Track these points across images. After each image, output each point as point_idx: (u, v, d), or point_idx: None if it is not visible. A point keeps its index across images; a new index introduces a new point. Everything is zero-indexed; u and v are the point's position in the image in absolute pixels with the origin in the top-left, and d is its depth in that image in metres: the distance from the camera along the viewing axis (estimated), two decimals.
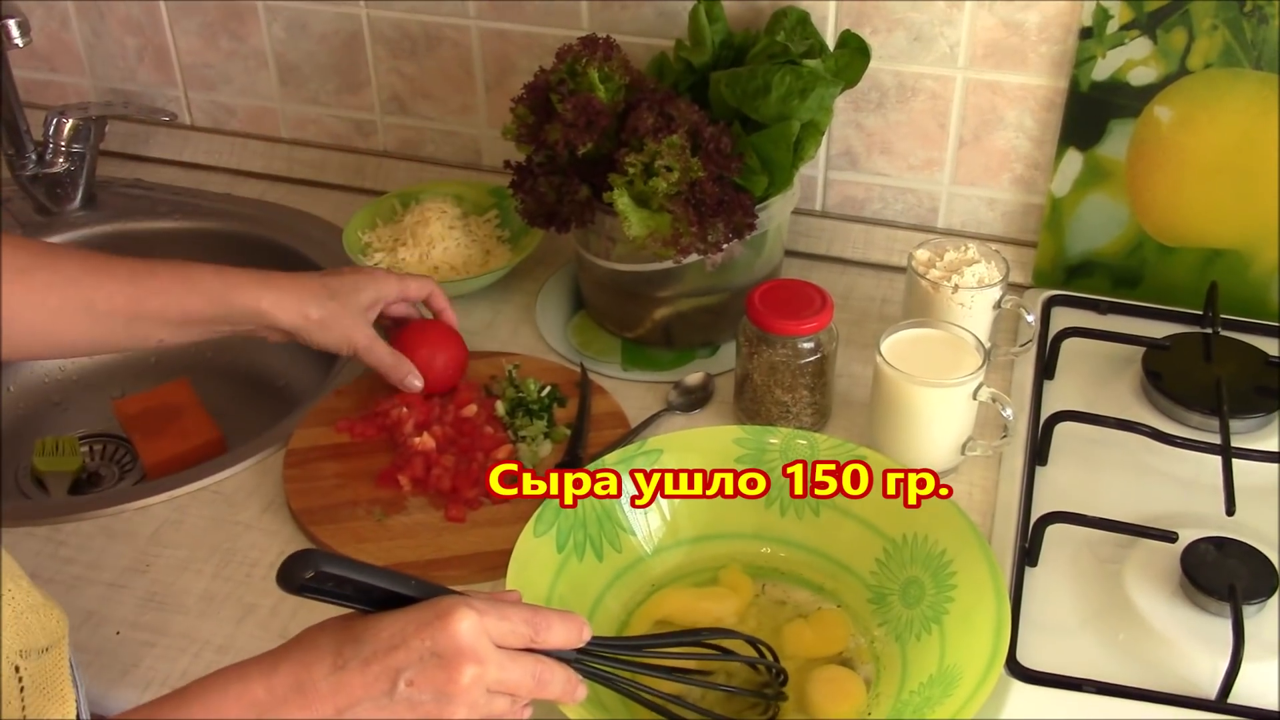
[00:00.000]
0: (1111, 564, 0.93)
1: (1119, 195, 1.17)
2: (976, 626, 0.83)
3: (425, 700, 0.66)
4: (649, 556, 0.93)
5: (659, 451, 0.96)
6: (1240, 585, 0.87)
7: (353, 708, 0.65)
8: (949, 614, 0.85)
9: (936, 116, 1.20)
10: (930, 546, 0.89)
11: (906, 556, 0.90)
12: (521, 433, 1.05)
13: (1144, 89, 1.12)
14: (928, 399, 0.99)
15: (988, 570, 0.86)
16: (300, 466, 1.03)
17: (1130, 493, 0.99)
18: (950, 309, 1.07)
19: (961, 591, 0.86)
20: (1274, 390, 1.06)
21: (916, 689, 0.82)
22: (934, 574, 0.88)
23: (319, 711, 0.64)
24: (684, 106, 1.04)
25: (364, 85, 1.37)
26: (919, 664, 0.84)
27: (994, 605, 0.83)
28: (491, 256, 1.25)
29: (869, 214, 1.28)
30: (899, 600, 0.89)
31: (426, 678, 0.65)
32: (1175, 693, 0.84)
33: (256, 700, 0.64)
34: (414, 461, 1.01)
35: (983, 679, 0.78)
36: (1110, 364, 1.12)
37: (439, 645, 0.65)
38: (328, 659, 0.65)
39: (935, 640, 0.84)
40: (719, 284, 1.13)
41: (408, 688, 0.65)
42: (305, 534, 0.98)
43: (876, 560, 0.91)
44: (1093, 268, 1.20)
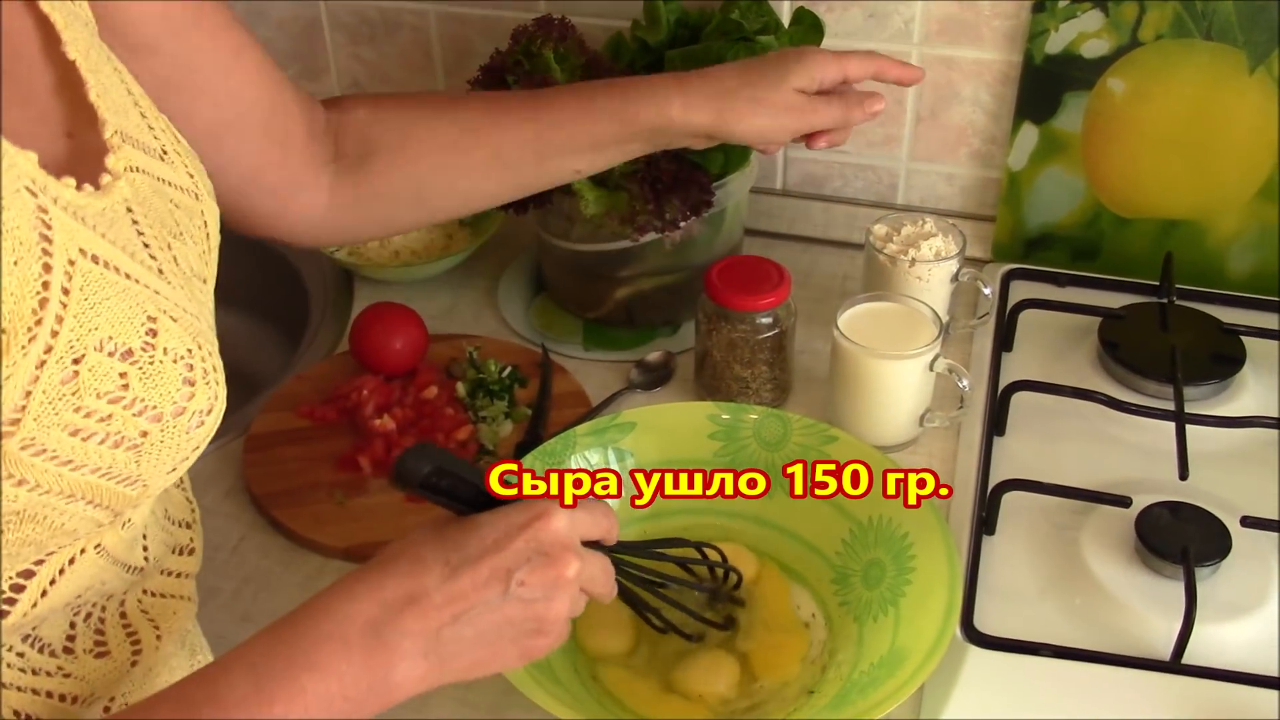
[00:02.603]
0: (1068, 531, 0.93)
1: (1075, 168, 1.17)
2: (929, 610, 0.82)
3: (536, 597, 0.66)
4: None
5: (632, 425, 0.95)
6: (1193, 548, 0.88)
7: (469, 612, 0.64)
8: (905, 596, 0.85)
9: (893, 92, 1.20)
10: (894, 529, 0.88)
11: (871, 538, 0.90)
12: (482, 413, 1.05)
13: (1097, 61, 1.13)
14: (885, 371, 0.99)
15: (945, 555, 0.85)
16: (261, 451, 1.03)
17: (1087, 461, 1.00)
18: (908, 283, 1.08)
19: (919, 575, 0.85)
20: (1228, 357, 1.07)
21: (867, 669, 0.82)
22: (895, 556, 0.87)
23: (437, 619, 0.63)
24: None
25: (323, 72, 1.37)
26: (873, 645, 0.84)
27: (946, 591, 0.82)
28: (453, 240, 1.25)
29: (829, 191, 1.29)
30: (860, 581, 0.88)
31: (536, 576, 0.65)
32: (1130, 654, 0.84)
33: (373, 617, 0.63)
34: (374, 443, 1.01)
35: (924, 660, 0.78)
36: (1068, 335, 1.13)
37: (543, 543, 0.66)
38: (437, 568, 0.64)
39: (891, 621, 0.84)
40: (679, 263, 1.14)
41: (520, 587, 0.65)
42: (267, 517, 0.98)
43: (842, 541, 0.91)
44: (1051, 240, 1.21)
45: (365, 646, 0.62)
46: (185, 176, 0.68)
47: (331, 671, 0.61)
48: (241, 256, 1.33)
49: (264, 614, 0.91)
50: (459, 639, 0.64)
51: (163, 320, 0.58)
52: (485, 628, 0.65)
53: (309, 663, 0.61)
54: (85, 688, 0.66)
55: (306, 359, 1.15)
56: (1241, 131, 1.12)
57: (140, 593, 0.69)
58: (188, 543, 0.73)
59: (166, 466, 0.60)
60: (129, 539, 0.64)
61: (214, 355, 0.63)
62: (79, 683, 0.66)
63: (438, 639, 0.63)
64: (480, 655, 0.65)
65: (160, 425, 0.58)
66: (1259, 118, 1.11)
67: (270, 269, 1.30)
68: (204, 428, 0.61)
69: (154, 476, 0.60)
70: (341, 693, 0.61)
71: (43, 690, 0.64)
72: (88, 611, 0.65)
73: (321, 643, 0.61)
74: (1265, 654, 0.85)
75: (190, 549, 0.74)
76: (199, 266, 0.68)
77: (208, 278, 0.69)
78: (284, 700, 0.60)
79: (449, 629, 0.64)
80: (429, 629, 0.63)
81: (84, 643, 0.65)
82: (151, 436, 0.58)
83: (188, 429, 0.60)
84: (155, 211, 0.63)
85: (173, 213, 0.65)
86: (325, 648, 0.61)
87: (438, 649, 0.63)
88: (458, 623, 0.64)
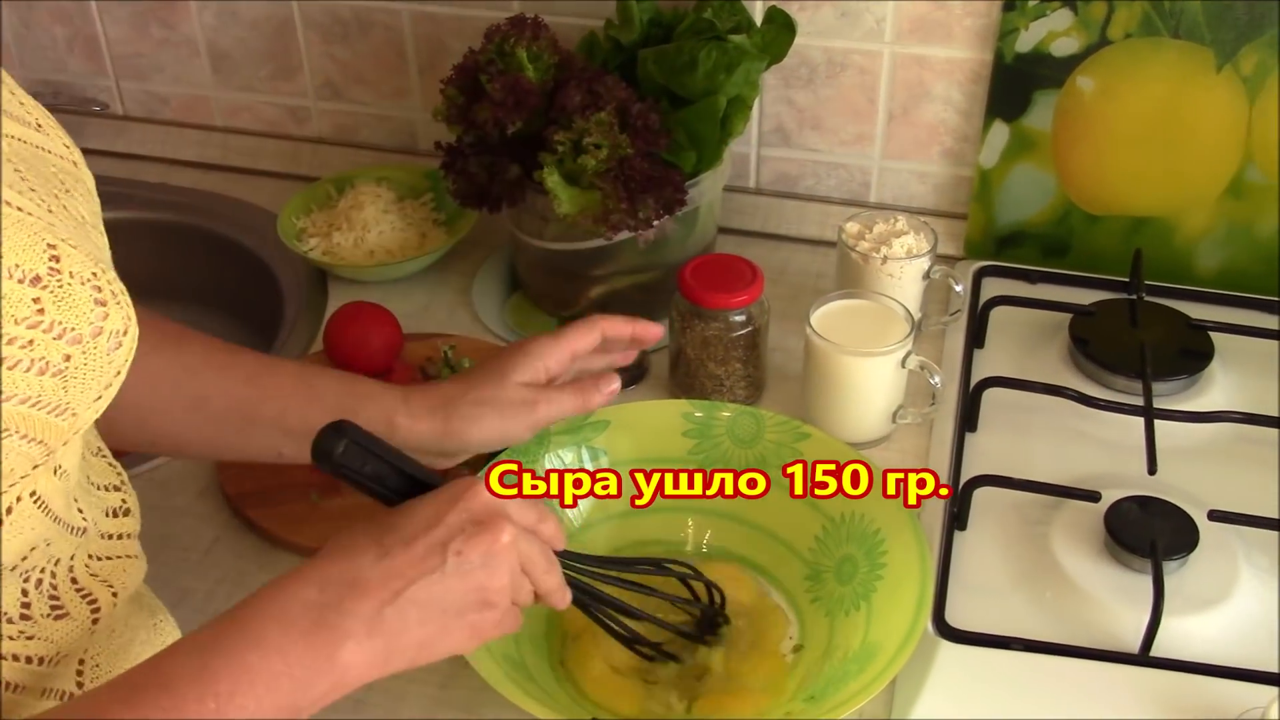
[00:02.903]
0: (1038, 525, 0.94)
1: (1046, 166, 1.18)
2: (900, 604, 0.83)
3: (475, 565, 0.67)
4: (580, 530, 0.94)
5: (606, 423, 0.96)
6: (1161, 542, 0.89)
7: (409, 588, 0.65)
8: (877, 591, 0.85)
9: (866, 91, 1.22)
10: (866, 525, 0.89)
11: (843, 534, 0.90)
12: None
13: (1066, 60, 1.13)
14: (857, 368, 1.00)
15: (916, 550, 0.85)
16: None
17: (1057, 456, 1.01)
18: (880, 280, 1.08)
19: (890, 570, 0.86)
20: (1196, 353, 1.08)
21: (839, 664, 0.82)
22: (867, 552, 0.88)
23: (377, 598, 0.64)
24: (612, 84, 1.05)
25: (297, 71, 1.36)
26: (845, 640, 0.84)
27: (917, 585, 0.83)
28: (427, 239, 1.25)
29: (802, 190, 1.29)
30: (833, 577, 0.89)
31: (472, 543, 0.67)
32: (1100, 648, 0.85)
33: (311, 600, 0.64)
34: None
35: (895, 655, 0.79)
36: (1038, 332, 1.13)
37: (475, 512, 0.68)
38: (371, 550, 0.66)
39: (862, 617, 0.85)
40: (653, 261, 1.14)
41: (456, 557, 0.66)
42: (241, 518, 0.98)
43: (815, 537, 0.91)
44: (1022, 238, 1.22)
45: (307, 626, 0.63)
46: (62, 146, 0.69)
47: (274, 649, 0.62)
48: (215, 256, 1.34)
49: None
50: (402, 616, 0.65)
51: (63, 247, 0.59)
52: (428, 602, 0.66)
53: (253, 641, 0.62)
54: (50, 648, 0.66)
55: (283, 354, 1.14)
56: (1209, 129, 1.13)
57: (86, 557, 0.69)
58: (120, 504, 0.74)
59: (92, 394, 0.60)
60: (64, 491, 0.64)
61: (118, 281, 0.63)
62: (44, 644, 0.66)
63: (380, 618, 0.64)
64: (428, 632, 0.66)
65: (81, 348, 0.59)
66: (1227, 115, 1.12)
67: (244, 268, 1.30)
68: (122, 349, 0.62)
69: (81, 405, 0.60)
70: (287, 671, 0.62)
71: (9, 654, 0.64)
72: (38, 578, 0.65)
73: (266, 623, 0.63)
74: (1232, 646, 0.86)
75: (125, 509, 0.74)
76: (92, 220, 0.68)
77: (103, 232, 0.69)
78: (229, 678, 0.61)
79: (390, 607, 0.65)
80: (370, 609, 0.64)
81: (40, 608, 0.66)
82: (74, 360, 0.59)
83: (107, 351, 0.60)
84: (39, 172, 0.64)
85: (56, 174, 0.66)
86: (269, 627, 0.63)
87: (382, 628, 0.64)
88: (399, 600, 0.65)
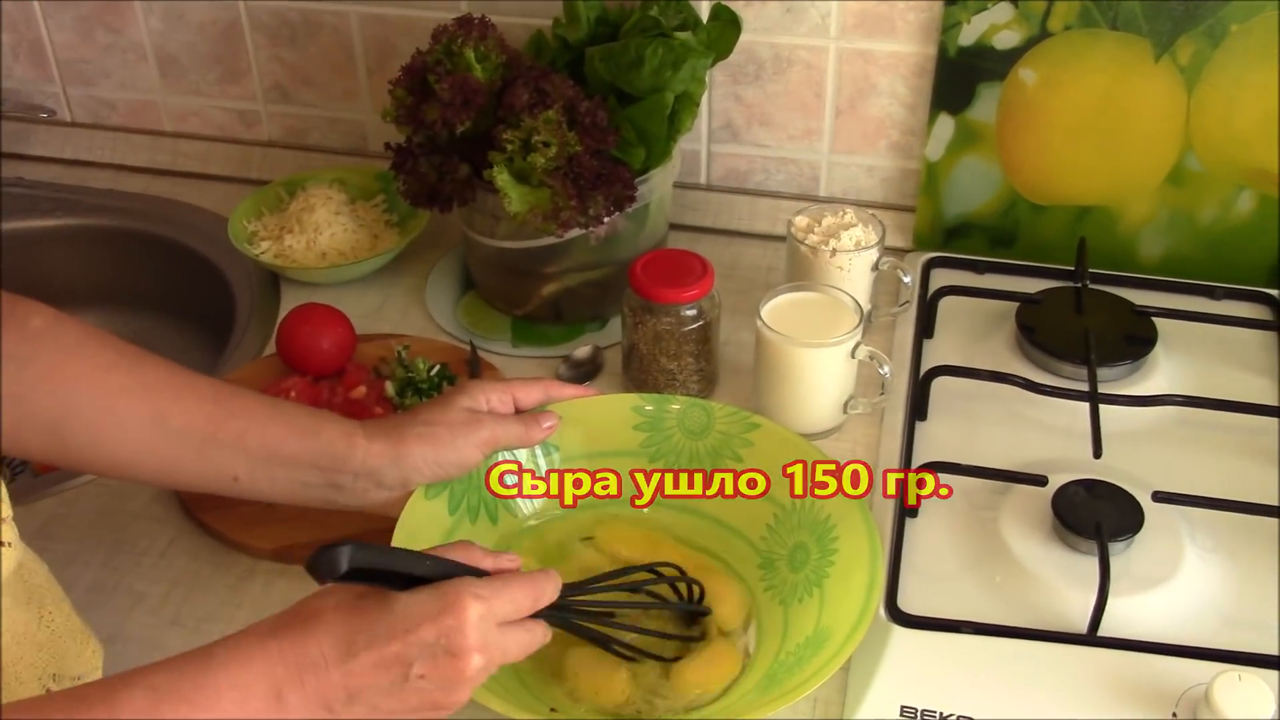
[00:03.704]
0: (987, 511, 0.96)
1: (991, 157, 1.20)
2: (851, 589, 0.84)
3: (433, 689, 0.67)
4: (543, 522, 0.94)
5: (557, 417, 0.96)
6: (1107, 524, 0.90)
7: (363, 691, 0.66)
8: (829, 577, 0.86)
9: (812, 86, 1.23)
10: (817, 512, 0.90)
11: (795, 522, 0.91)
12: None
13: (1008, 52, 1.15)
14: (807, 360, 1.01)
15: (866, 535, 0.86)
16: None
17: (1006, 443, 1.02)
18: (830, 273, 1.09)
19: (842, 555, 0.86)
20: (1140, 338, 1.10)
21: (793, 650, 0.83)
22: (819, 539, 0.89)
23: (330, 693, 0.65)
24: (559, 82, 1.05)
25: (245, 74, 1.36)
26: (798, 626, 0.85)
27: (868, 570, 0.84)
28: (379, 240, 1.25)
29: (752, 185, 1.30)
30: (786, 565, 0.90)
31: (437, 670, 0.67)
32: (1048, 629, 0.87)
33: (274, 672, 0.65)
34: None
35: (847, 638, 0.80)
36: (986, 321, 1.15)
37: (450, 641, 0.67)
38: (340, 645, 0.66)
39: (815, 603, 0.85)
40: (605, 258, 1.15)
41: (419, 679, 0.66)
42: (195, 520, 0.98)
43: (767, 526, 0.92)
44: (969, 229, 1.24)
45: (263, 694, 0.64)
46: None
47: (225, 710, 0.63)
48: (165, 261, 1.33)
49: (193, 616, 0.91)
50: (350, 714, 0.66)
51: None
52: (379, 706, 0.67)
53: (208, 703, 0.63)
54: None
55: (234, 362, 1.14)
56: (1149, 119, 1.15)
57: None
58: None
59: None
60: None
61: None
62: None
63: (329, 711, 0.66)
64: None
65: None
66: (1165, 105, 1.14)
67: (196, 273, 1.30)
68: None
69: None
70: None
71: None
72: None
73: (225, 689, 0.64)
74: (1177, 624, 0.87)
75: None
76: None
77: None
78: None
79: (341, 705, 0.66)
80: (322, 699, 0.65)
81: None
82: None
83: None
84: None
85: None
86: (228, 695, 0.64)
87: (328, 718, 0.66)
88: (351, 700, 0.66)
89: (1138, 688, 0.83)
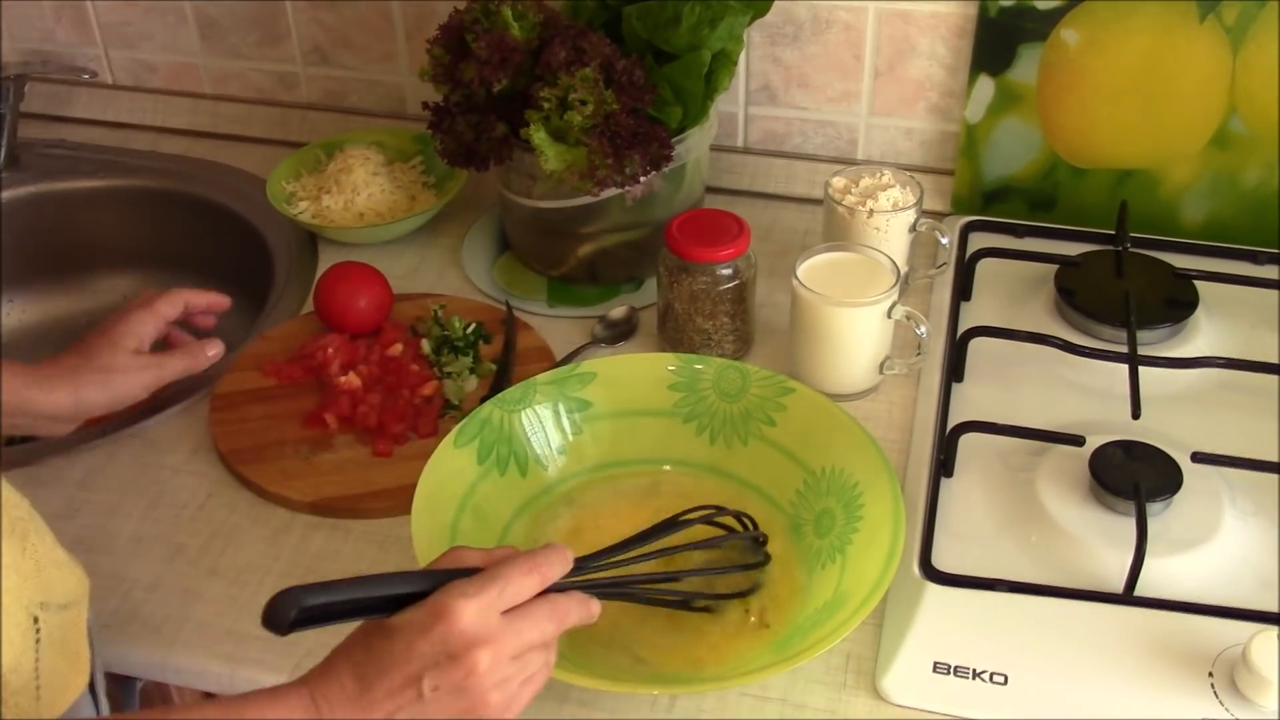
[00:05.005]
0: (1024, 472, 0.95)
1: (1031, 120, 1.19)
2: (872, 555, 0.84)
3: (451, 698, 0.68)
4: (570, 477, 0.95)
5: (592, 375, 0.97)
6: (1145, 484, 0.89)
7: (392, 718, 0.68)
8: (852, 543, 0.86)
9: (851, 48, 1.22)
10: (845, 479, 0.90)
11: (823, 488, 0.91)
12: (447, 369, 1.06)
13: (1050, 12, 1.14)
14: (843, 320, 1.00)
15: (891, 502, 0.86)
16: (227, 410, 1.03)
17: (1043, 404, 1.01)
18: (867, 233, 1.09)
19: (866, 522, 0.86)
20: (1181, 302, 1.08)
21: (812, 614, 0.83)
22: (845, 505, 0.89)
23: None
24: (596, 40, 1.05)
25: (284, 37, 1.36)
26: (820, 591, 0.85)
27: (890, 537, 0.84)
28: (416, 202, 1.26)
29: (789, 148, 1.30)
30: (812, 530, 0.90)
31: (446, 678, 0.67)
32: (1085, 588, 0.86)
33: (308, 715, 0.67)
34: (340, 400, 1.02)
35: (862, 603, 0.80)
36: (1025, 284, 1.14)
37: (448, 645, 0.67)
38: (356, 682, 0.68)
39: (837, 569, 0.85)
40: (641, 219, 1.15)
41: (433, 692, 0.67)
42: (234, 474, 0.99)
43: (796, 491, 0.92)
44: (1008, 193, 1.23)
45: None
46: None
47: None
48: (205, 222, 1.34)
49: (232, 567, 0.92)
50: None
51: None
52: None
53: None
54: None
55: (271, 320, 1.15)
56: (1193, 81, 1.13)
57: None
58: None
59: None
60: None
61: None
62: None
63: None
64: None
65: None
66: (1210, 66, 1.12)
67: (235, 233, 1.30)
68: None
69: None
70: None
71: None
72: None
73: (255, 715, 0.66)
74: (1215, 586, 0.86)
75: None
76: None
77: None
78: None
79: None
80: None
81: None
82: None
83: None
84: None
85: None
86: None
87: None
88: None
89: (1174, 648, 0.82)
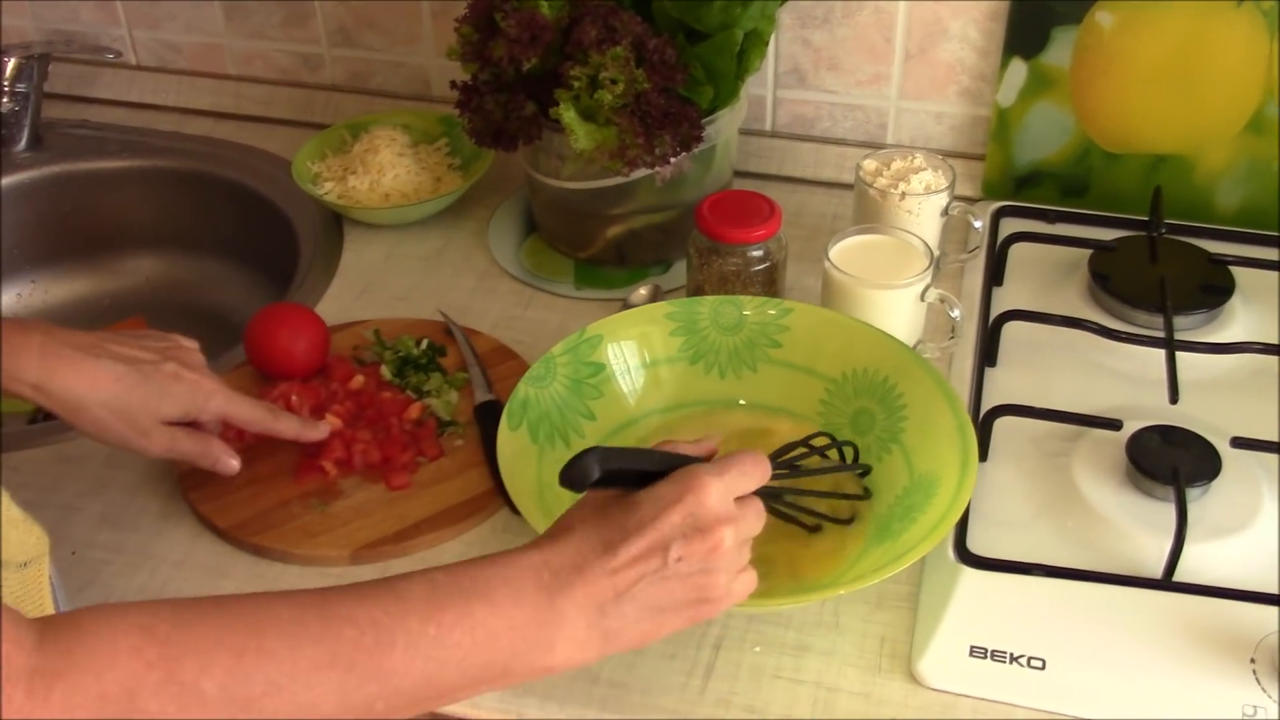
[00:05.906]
0: (1059, 457, 0.94)
1: (1064, 104, 1.17)
2: (937, 435, 0.87)
3: (695, 570, 0.69)
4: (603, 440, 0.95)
5: (599, 337, 0.97)
6: (1183, 469, 0.88)
7: (631, 587, 0.68)
8: (905, 431, 0.90)
9: (882, 30, 1.21)
10: (872, 377, 0.94)
11: (850, 391, 0.95)
12: (424, 389, 1.02)
13: None
14: (876, 302, 0.99)
15: (937, 388, 0.90)
16: (204, 488, 0.94)
17: (1078, 390, 1.00)
18: (898, 216, 1.08)
19: (913, 410, 0.90)
20: (1217, 287, 1.07)
21: (894, 502, 0.86)
22: (881, 400, 0.93)
23: (600, 594, 0.67)
24: (627, 18, 1.04)
25: (309, 17, 1.36)
26: (887, 482, 0.89)
27: (949, 411, 0.88)
28: (442, 183, 1.25)
29: (818, 132, 1.28)
30: (850, 431, 0.93)
31: (692, 549, 0.68)
32: (1122, 573, 0.85)
33: (546, 582, 0.67)
34: (332, 444, 0.96)
35: (960, 479, 0.83)
36: (1058, 269, 1.13)
37: (699, 518, 0.68)
38: (598, 546, 0.68)
39: (898, 457, 0.89)
40: (669, 201, 1.14)
41: (677, 562, 0.68)
42: (248, 546, 0.91)
43: (821, 401, 0.96)
44: (1041, 178, 1.21)
45: (536, 603, 0.66)
46: None
47: (502, 611, 0.65)
48: (229, 203, 1.34)
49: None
50: (622, 615, 0.68)
51: None
52: (647, 602, 0.68)
53: (483, 595, 0.65)
54: None
55: (297, 299, 1.14)
56: (1230, 64, 1.12)
57: None
58: None
59: None
60: None
61: None
62: None
63: (602, 614, 0.67)
64: (645, 628, 0.69)
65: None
66: (1247, 50, 1.11)
67: (259, 214, 1.30)
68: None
69: None
70: (506, 633, 0.65)
71: None
72: None
73: (498, 585, 0.66)
74: (1255, 572, 0.85)
75: None
76: None
77: None
78: (453, 613, 0.64)
79: (612, 605, 0.67)
80: (594, 603, 0.67)
81: None
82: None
83: None
84: None
85: None
86: (501, 589, 0.66)
87: (601, 624, 0.67)
88: (620, 599, 0.67)
89: (1214, 634, 0.81)
